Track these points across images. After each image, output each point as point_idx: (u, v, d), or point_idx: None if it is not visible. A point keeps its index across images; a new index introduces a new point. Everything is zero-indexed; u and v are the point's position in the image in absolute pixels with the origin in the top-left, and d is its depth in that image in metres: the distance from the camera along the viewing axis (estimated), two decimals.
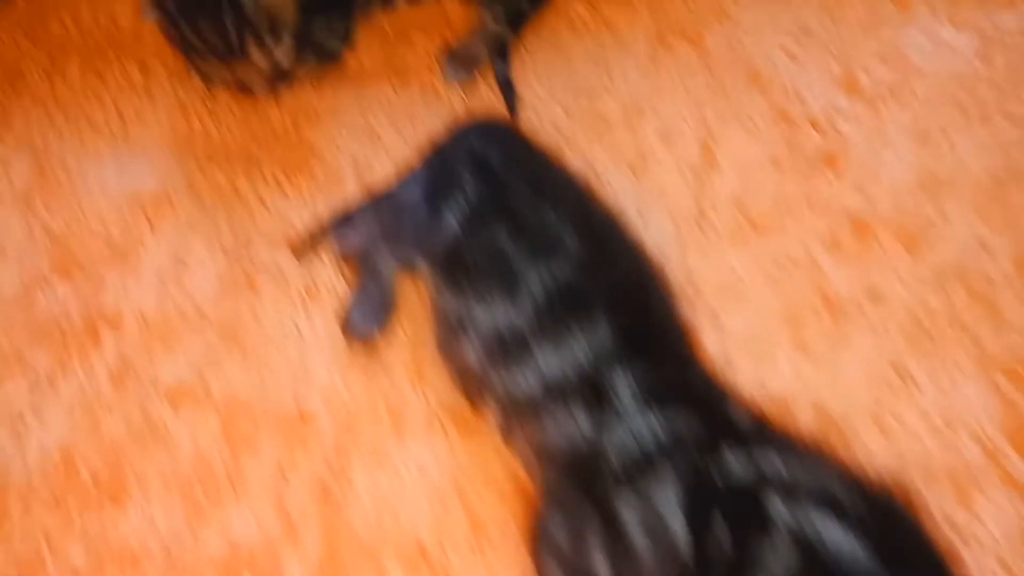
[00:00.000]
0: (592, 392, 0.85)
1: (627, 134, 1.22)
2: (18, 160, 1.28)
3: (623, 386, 0.84)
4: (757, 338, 1.05)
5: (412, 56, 1.33)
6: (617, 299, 0.90)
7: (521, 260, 0.92)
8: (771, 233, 1.12)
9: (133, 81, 1.33)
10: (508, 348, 0.90)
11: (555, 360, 0.87)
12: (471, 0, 1.31)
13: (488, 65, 1.29)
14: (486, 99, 1.28)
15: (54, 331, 1.15)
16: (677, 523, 0.77)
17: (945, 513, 0.94)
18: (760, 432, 0.84)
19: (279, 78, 1.23)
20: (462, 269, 0.95)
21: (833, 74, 1.20)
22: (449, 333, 0.98)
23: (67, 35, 1.39)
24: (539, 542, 0.90)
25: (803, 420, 1.00)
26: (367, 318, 1.10)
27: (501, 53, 1.28)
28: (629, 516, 0.80)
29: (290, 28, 1.15)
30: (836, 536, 0.71)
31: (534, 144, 1.20)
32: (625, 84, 1.26)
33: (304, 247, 1.18)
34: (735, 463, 0.78)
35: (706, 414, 0.84)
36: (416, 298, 1.12)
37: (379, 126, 1.28)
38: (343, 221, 1.17)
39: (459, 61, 1.29)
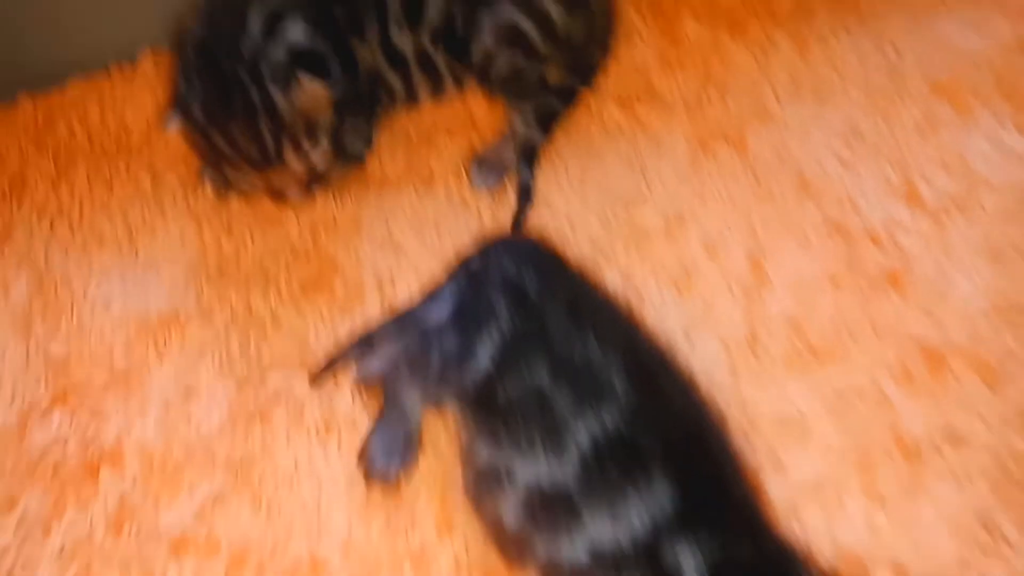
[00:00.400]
0: (651, 566, 0.75)
1: (668, 246, 1.14)
2: (17, 276, 1.20)
3: (688, 562, 0.74)
4: (824, 483, 0.95)
5: (436, 160, 1.26)
6: (676, 453, 0.81)
7: (565, 406, 0.83)
8: (833, 361, 1.02)
9: (143, 190, 1.26)
10: (552, 509, 0.81)
11: (607, 526, 0.78)
12: (498, 99, 1.24)
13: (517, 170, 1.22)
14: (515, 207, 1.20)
15: (48, 468, 1.05)
16: None
17: None
18: None
19: (314, 182, 1.16)
20: (498, 414, 0.86)
21: (890, 182, 1.12)
22: (482, 485, 0.88)
23: (74, 140, 1.32)
24: None
25: None
26: (389, 455, 1.01)
27: (528, 157, 1.21)
28: None
29: (327, 130, 1.10)
30: None
31: (570, 263, 1.12)
32: (664, 191, 1.18)
33: (322, 373, 1.09)
34: None
35: None
36: (444, 433, 1.02)
37: (402, 236, 1.20)
38: (364, 345, 1.09)
39: (487, 166, 1.22)
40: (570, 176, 1.21)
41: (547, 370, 0.86)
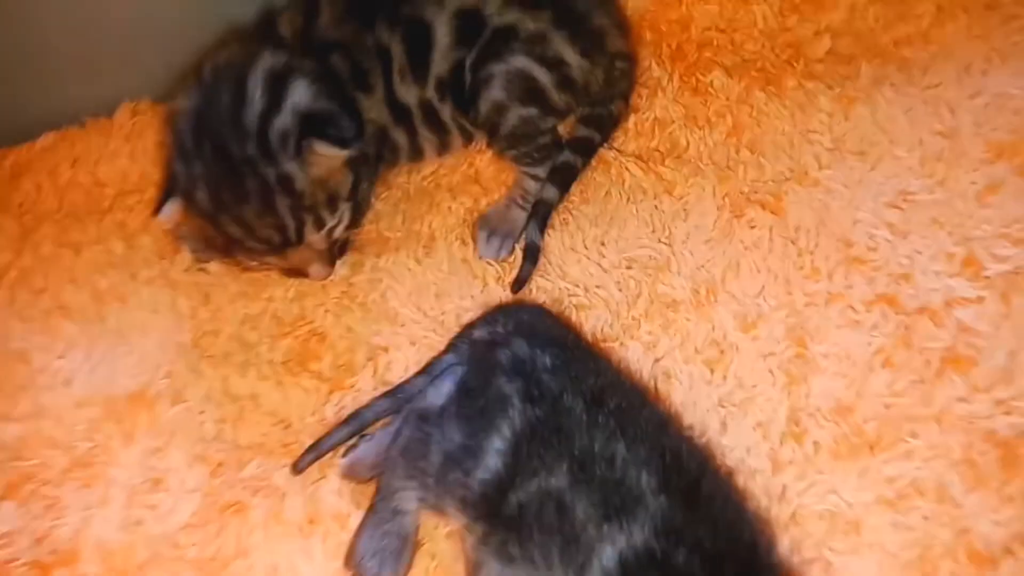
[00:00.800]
0: None
1: (698, 319, 1.02)
2: None
3: None
4: None
5: (438, 221, 1.16)
6: (716, 570, 0.68)
7: (588, 515, 0.70)
8: (887, 450, 0.90)
9: (113, 254, 1.15)
10: None
11: None
12: (506, 154, 1.14)
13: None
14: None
15: None
16: None
17: None
18: None
19: (336, 253, 1.08)
20: (509, 524, 0.74)
21: (948, 253, 1.00)
22: None
23: (41, 198, 1.22)
24: None
25: None
26: (381, 561, 0.88)
27: (541, 217, 1.11)
28: None
29: (346, 197, 1.02)
30: None
31: (587, 339, 1.01)
32: (692, 258, 1.07)
33: (305, 461, 0.96)
34: None
35: None
36: (445, 540, 0.90)
37: (398, 304, 1.09)
38: (354, 429, 0.97)
39: (496, 235, 1.11)
40: (587, 240, 1.10)
41: (566, 471, 0.74)
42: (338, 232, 1.04)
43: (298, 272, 1.06)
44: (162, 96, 1.25)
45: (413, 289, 1.10)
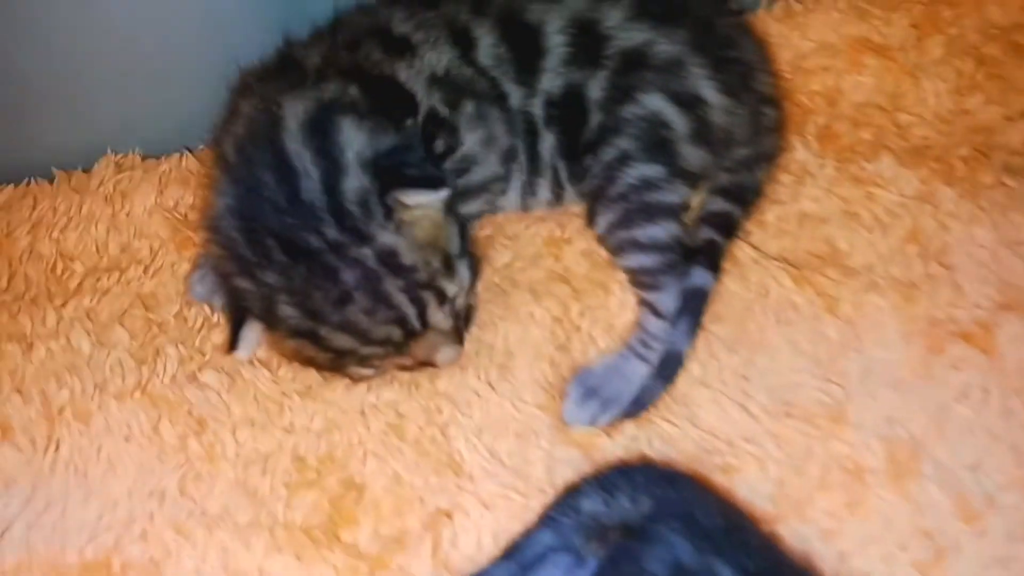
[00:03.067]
0: None
1: (899, 499, 0.76)
2: None
3: None
4: None
5: (516, 331, 0.89)
6: None
7: None
8: None
9: (77, 354, 0.89)
10: None
11: None
12: (615, 256, 0.89)
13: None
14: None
15: None
16: None
17: None
18: None
19: (464, 326, 0.84)
20: None
21: None
22: None
23: None
24: None
25: None
26: None
27: (668, 368, 0.83)
28: None
29: (457, 249, 0.81)
30: None
31: (740, 511, 0.73)
32: (877, 406, 0.81)
33: None
34: None
35: None
36: None
37: (465, 445, 0.82)
38: None
39: (594, 389, 0.84)
40: (724, 373, 0.85)
41: None
42: (461, 300, 0.81)
43: (424, 365, 0.82)
44: (155, 149, 1.04)
45: (484, 424, 0.84)
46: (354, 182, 0.75)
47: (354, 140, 0.76)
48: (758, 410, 0.81)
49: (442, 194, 0.76)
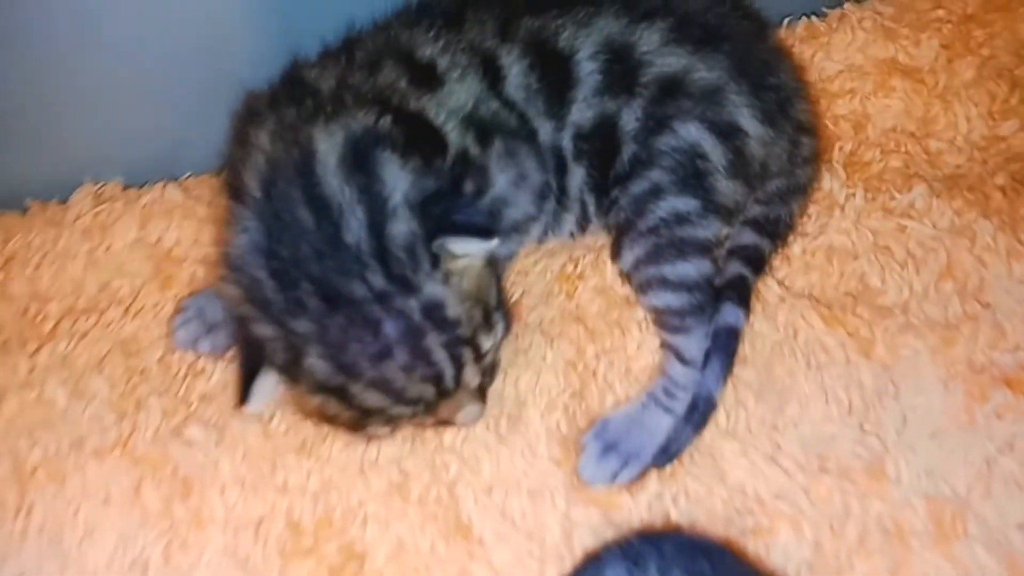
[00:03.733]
0: None
1: (945, 563, 0.71)
2: None
3: None
4: None
5: (527, 377, 0.83)
6: None
7: None
8: None
9: (52, 410, 0.81)
10: None
11: None
12: (639, 294, 0.84)
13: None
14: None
15: None
16: None
17: None
18: None
19: (488, 383, 0.78)
20: None
21: None
22: None
23: None
24: None
25: None
26: None
27: (699, 413, 0.78)
28: None
29: (495, 301, 0.76)
30: None
31: None
32: (917, 459, 0.76)
33: None
34: None
35: None
36: None
37: (474, 505, 0.77)
38: None
39: (614, 443, 0.78)
40: (752, 423, 0.80)
41: None
42: (491, 356, 0.76)
43: (442, 423, 0.77)
44: (137, 178, 0.98)
45: (495, 481, 0.78)
46: (402, 226, 0.69)
47: (400, 180, 0.70)
48: (790, 464, 0.76)
49: (492, 244, 0.70)
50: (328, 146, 0.70)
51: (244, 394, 0.70)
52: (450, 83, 0.77)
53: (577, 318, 0.87)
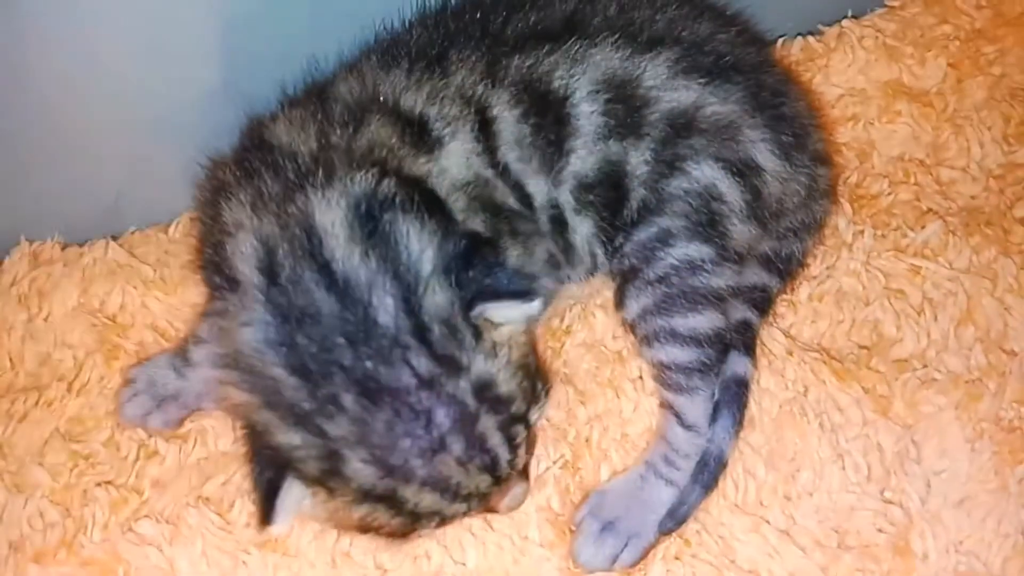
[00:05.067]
0: None
1: None
2: None
3: None
4: None
5: None
6: None
7: None
8: None
9: None
10: None
11: None
12: (643, 349, 0.77)
13: None
14: None
15: None
16: None
17: None
18: None
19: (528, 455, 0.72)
20: None
21: None
22: None
23: None
24: None
25: None
26: None
27: (708, 473, 0.73)
28: None
29: (535, 367, 0.69)
30: None
31: None
32: (945, 531, 0.73)
33: None
34: None
35: None
36: None
37: None
38: None
39: (611, 521, 0.74)
40: (763, 494, 0.76)
41: None
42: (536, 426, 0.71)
43: (490, 510, 0.70)
44: (76, 236, 0.93)
45: (482, 571, 0.75)
46: (438, 298, 0.63)
47: (426, 246, 0.64)
48: (806, 540, 0.72)
49: (535, 306, 0.65)
50: (331, 217, 0.64)
51: (267, 512, 0.62)
52: (444, 145, 0.70)
53: (566, 379, 0.82)
